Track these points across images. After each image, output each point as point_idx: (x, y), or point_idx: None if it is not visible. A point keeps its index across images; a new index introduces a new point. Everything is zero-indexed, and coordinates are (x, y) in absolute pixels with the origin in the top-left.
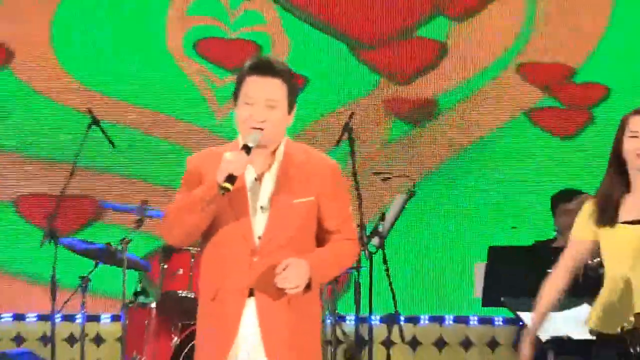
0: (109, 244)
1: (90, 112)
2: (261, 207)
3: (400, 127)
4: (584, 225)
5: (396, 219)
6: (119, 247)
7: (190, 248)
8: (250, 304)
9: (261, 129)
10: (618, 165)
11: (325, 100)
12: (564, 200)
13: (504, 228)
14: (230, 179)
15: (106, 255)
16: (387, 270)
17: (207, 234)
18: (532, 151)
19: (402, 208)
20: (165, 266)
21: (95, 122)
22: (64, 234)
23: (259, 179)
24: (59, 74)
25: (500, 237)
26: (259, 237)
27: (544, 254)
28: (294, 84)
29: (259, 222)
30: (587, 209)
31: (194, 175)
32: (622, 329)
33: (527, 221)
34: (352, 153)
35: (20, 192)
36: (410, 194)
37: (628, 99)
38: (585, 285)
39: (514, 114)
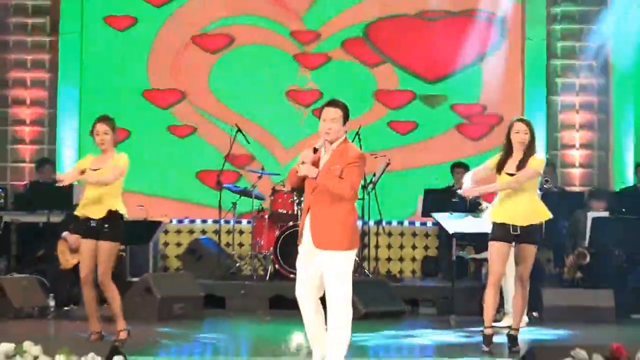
0: (246, 187)
1: (237, 125)
2: (320, 166)
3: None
4: (491, 164)
5: (380, 176)
6: (251, 189)
7: (283, 189)
8: (308, 216)
9: (329, 132)
10: (508, 143)
11: None
12: (456, 167)
13: (430, 179)
14: (303, 163)
15: (244, 192)
16: (376, 197)
17: (301, 185)
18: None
19: (384, 171)
20: (273, 197)
21: (239, 130)
22: (224, 182)
23: (324, 154)
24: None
25: (428, 184)
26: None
27: (450, 192)
28: (346, 111)
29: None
30: (495, 159)
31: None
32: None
33: (444, 176)
34: (360, 146)
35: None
36: (387, 164)
37: None
38: (469, 209)
39: None
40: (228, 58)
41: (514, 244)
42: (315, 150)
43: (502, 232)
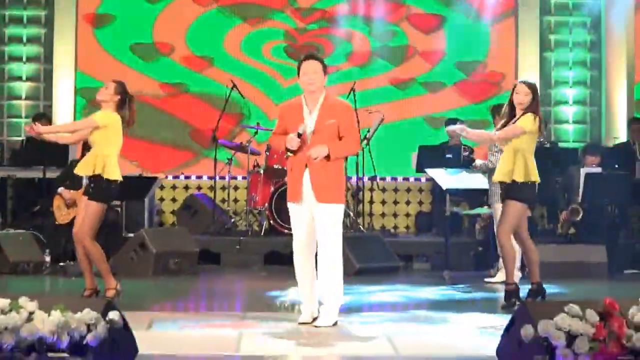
0: (241, 142)
1: (232, 81)
2: (311, 130)
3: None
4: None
5: (375, 131)
6: (247, 144)
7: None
8: (307, 170)
9: (312, 83)
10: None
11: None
12: (448, 124)
13: (426, 137)
14: (290, 150)
15: (240, 148)
16: (370, 154)
17: None
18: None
19: (378, 126)
20: (268, 153)
21: (234, 86)
22: (220, 137)
23: (310, 112)
24: None
25: (423, 140)
26: (309, 142)
27: (445, 148)
28: (324, 63)
29: (310, 137)
30: (500, 122)
31: (281, 115)
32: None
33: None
34: (355, 101)
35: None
36: (381, 120)
37: None
38: (463, 165)
39: None
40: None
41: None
42: (299, 135)
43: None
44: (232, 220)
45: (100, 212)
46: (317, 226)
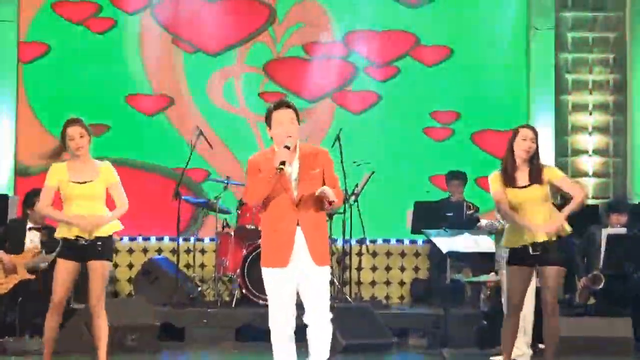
0: (209, 199)
1: (198, 127)
2: (294, 180)
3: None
4: (498, 187)
5: (364, 186)
6: (215, 201)
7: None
8: (299, 230)
9: (291, 136)
10: (511, 154)
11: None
12: (451, 177)
13: (422, 192)
14: (283, 163)
15: (207, 205)
16: (359, 212)
17: (268, 198)
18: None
19: (367, 180)
20: (239, 212)
21: (201, 133)
22: (184, 193)
23: (289, 163)
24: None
25: (420, 196)
26: (296, 195)
27: (444, 205)
28: (298, 112)
29: (295, 187)
30: (498, 176)
31: (255, 167)
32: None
33: (434, 188)
34: (341, 152)
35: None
36: (372, 173)
37: None
38: (466, 225)
39: None
40: None
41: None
42: (288, 148)
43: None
44: (199, 289)
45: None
46: (311, 291)
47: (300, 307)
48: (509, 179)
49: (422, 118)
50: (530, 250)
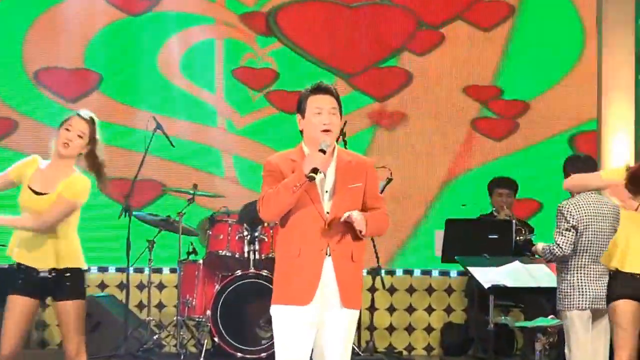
0: (168, 216)
1: (154, 119)
2: (326, 192)
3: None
4: (615, 176)
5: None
6: (176, 219)
7: (228, 220)
8: (328, 260)
9: (330, 130)
10: None
11: None
12: (498, 186)
13: (457, 206)
14: (315, 170)
15: (167, 224)
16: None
17: (288, 214)
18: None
19: (382, 190)
20: (210, 232)
21: (159, 127)
22: (136, 208)
23: (324, 173)
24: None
25: (454, 211)
26: (328, 212)
27: (486, 224)
28: (340, 101)
29: (327, 202)
30: (625, 170)
31: (276, 172)
32: None
33: (473, 200)
34: (346, 149)
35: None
36: (388, 180)
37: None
38: (516, 251)
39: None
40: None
41: None
42: (324, 152)
43: (632, 285)
44: (155, 337)
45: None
46: (330, 342)
47: None
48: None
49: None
50: None
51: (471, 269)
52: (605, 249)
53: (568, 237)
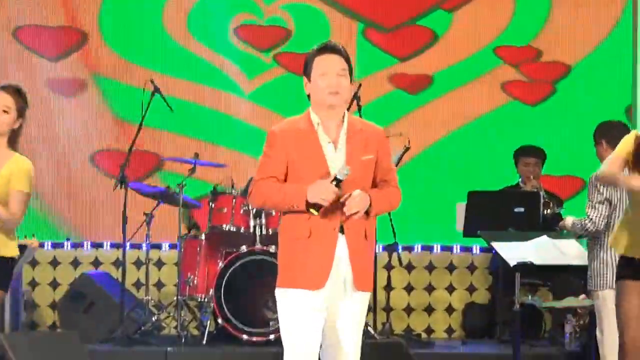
0: (168, 187)
1: (152, 82)
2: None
3: (399, 97)
4: (627, 147)
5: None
6: (177, 190)
7: (232, 191)
8: (341, 239)
9: (338, 92)
10: None
11: None
12: (524, 155)
13: (481, 176)
14: (317, 208)
15: (166, 196)
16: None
17: None
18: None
19: (399, 160)
20: (213, 205)
21: (157, 90)
22: (132, 180)
23: (333, 143)
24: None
25: (476, 183)
26: (340, 187)
27: (512, 196)
28: (350, 62)
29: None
30: (635, 138)
31: (278, 148)
32: None
33: (497, 171)
34: (360, 117)
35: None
36: (406, 149)
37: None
38: (544, 225)
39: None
40: None
41: None
42: (339, 183)
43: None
44: (154, 318)
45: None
46: (341, 327)
47: None
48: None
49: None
50: None
51: (495, 245)
52: None
53: (601, 211)
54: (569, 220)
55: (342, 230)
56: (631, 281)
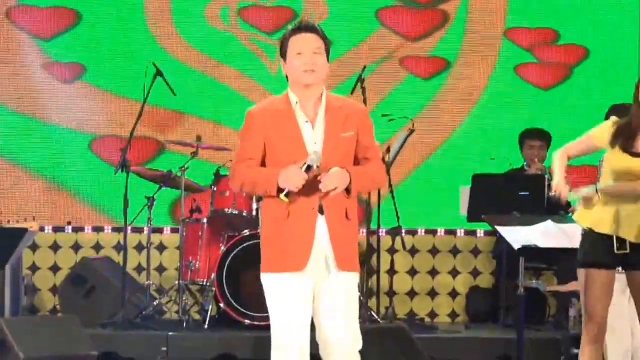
0: (169, 171)
1: (154, 65)
2: (315, 144)
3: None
4: (603, 134)
5: (398, 151)
6: (178, 173)
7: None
8: (321, 219)
9: (313, 70)
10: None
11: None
12: (529, 137)
13: (484, 158)
14: (288, 193)
15: (167, 180)
16: (391, 191)
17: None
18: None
19: (404, 143)
20: (215, 188)
21: (159, 73)
22: (133, 164)
23: (310, 121)
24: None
25: (480, 166)
26: (317, 167)
27: (516, 179)
28: (327, 40)
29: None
30: (612, 124)
31: (254, 129)
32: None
33: (502, 153)
34: (364, 99)
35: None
36: (410, 131)
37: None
38: (549, 209)
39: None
40: None
41: (620, 269)
42: (309, 168)
43: (602, 249)
44: (155, 302)
45: None
46: (331, 309)
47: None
48: (624, 139)
49: None
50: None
51: (499, 228)
52: None
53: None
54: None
55: (321, 210)
56: (596, 270)
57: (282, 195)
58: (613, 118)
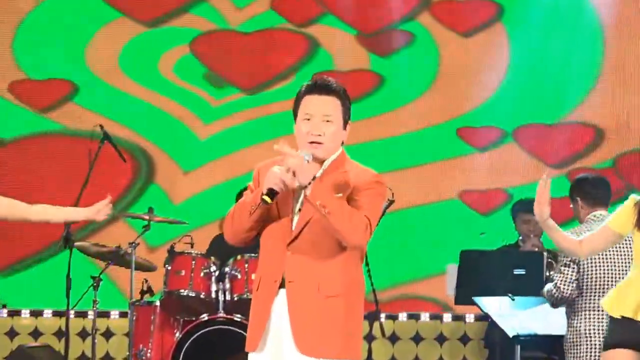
0: (118, 246)
1: (101, 127)
2: (299, 210)
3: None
4: (624, 220)
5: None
6: (128, 250)
7: (192, 252)
8: (281, 294)
9: (320, 143)
10: None
11: None
12: (524, 210)
13: (474, 234)
14: (271, 192)
15: (116, 257)
16: (368, 271)
17: (263, 227)
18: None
19: (383, 215)
20: (169, 267)
21: (107, 137)
22: (78, 238)
23: (305, 184)
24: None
25: (469, 242)
26: (295, 226)
27: (510, 256)
28: (348, 102)
29: (296, 222)
30: (633, 205)
31: (255, 182)
32: None
33: (493, 228)
34: None
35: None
36: (390, 202)
37: None
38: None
39: None
40: None
41: None
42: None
43: (627, 332)
44: None
45: None
46: None
47: None
48: None
49: None
50: None
51: (492, 313)
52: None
53: (567, 275)
54: (545, 288)
55: (283, 284)
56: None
57: (263, 195)
58: (634, 198)
